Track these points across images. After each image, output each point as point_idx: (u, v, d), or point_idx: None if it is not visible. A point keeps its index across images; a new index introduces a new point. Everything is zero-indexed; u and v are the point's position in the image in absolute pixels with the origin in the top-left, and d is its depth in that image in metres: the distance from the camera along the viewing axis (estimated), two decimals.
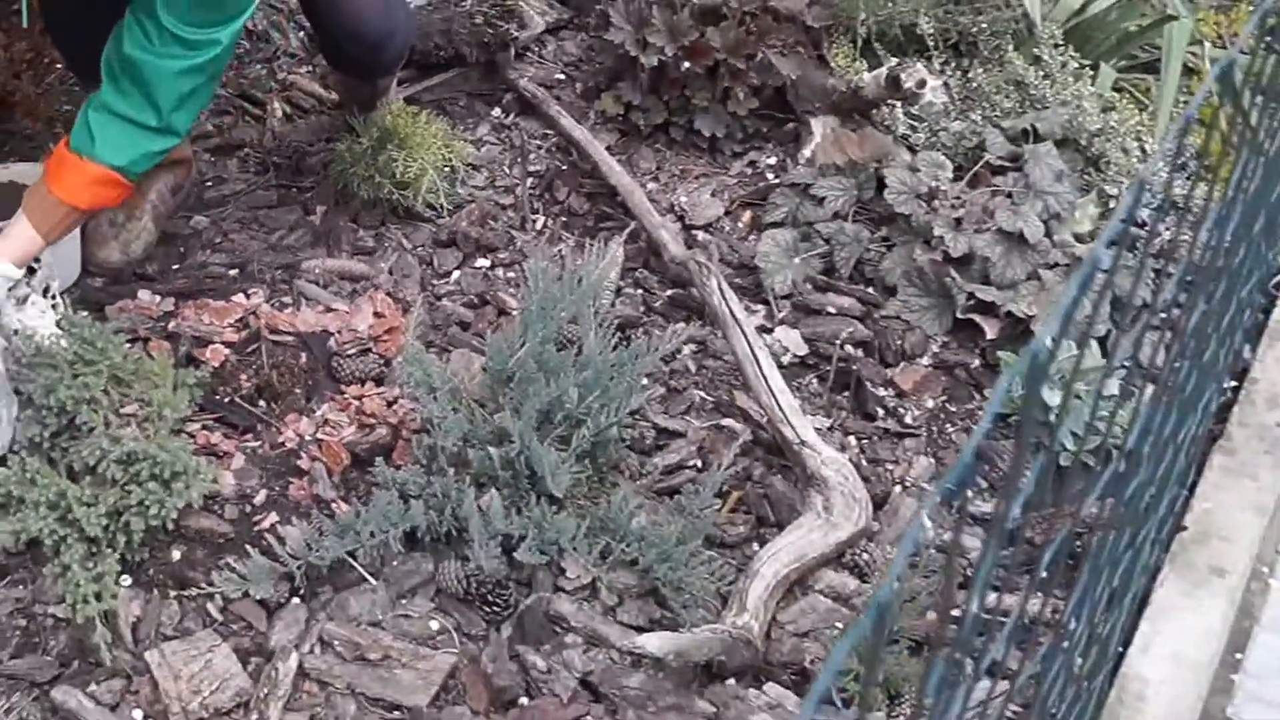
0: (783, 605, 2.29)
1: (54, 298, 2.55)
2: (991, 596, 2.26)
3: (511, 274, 2.98)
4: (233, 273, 2.92)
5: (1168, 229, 2.79)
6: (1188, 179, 2.60)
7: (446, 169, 3.14)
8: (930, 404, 2.73)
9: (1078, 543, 2.25)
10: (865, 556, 2.38)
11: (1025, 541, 2.41)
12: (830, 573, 2.36)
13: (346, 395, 2.59)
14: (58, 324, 2.44)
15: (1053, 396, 2.45)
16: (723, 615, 2.21)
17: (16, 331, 2.39)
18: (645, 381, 2.62)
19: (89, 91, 2.57)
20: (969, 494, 2.53)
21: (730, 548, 2.40)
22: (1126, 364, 2.51)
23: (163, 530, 2.25)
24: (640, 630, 2.21)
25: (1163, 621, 2.21)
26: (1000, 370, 2.77)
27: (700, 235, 3.13)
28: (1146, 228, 2.92)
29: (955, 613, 2.04)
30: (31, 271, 2.50)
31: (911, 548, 0.73)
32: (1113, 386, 2.46)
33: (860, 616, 0.73)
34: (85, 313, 2.63)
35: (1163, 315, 1.58)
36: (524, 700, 2.14)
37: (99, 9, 2.62)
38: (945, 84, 3.37)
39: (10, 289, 2.43)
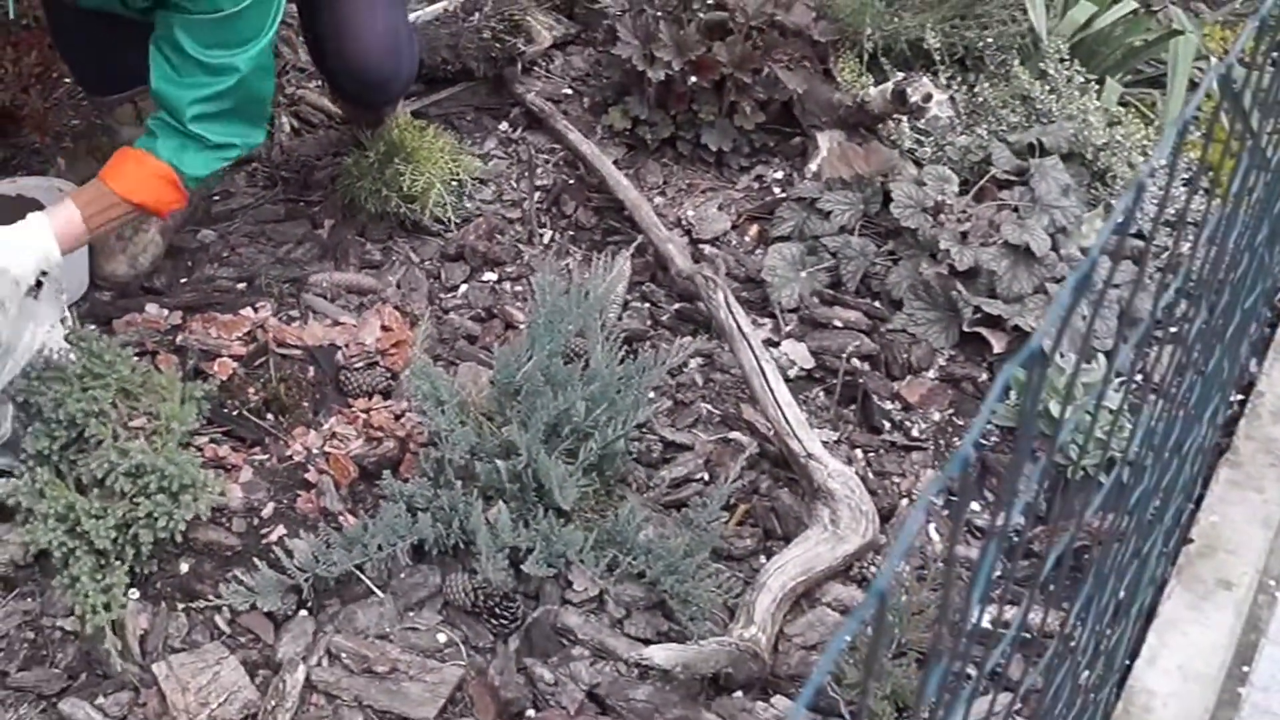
0: (790, 618, 2.29)
1: (62, 311, 2.56)
2: (1006, 612, 2.26)
3: (519, 288, 2.99)
4: (240, 286, 2.93)
5: (1170, 237, 2.80)
6: (1187, 186, 2.60)
7: (454, 183, 3.15)
8: (937, 417, 2.73)
9: (1086, 555, 2.25)
10: (872, 569, 2.38)
11: (1032, 554, 2.41)
12: (838, 586, 2.36)
13: (354, 408, 2.60)
14: (66, 338, 2.45)
15: (1056, 409, 2.45)
16: (730, 628, 2.21)
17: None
18: (652, 395, 2.63)
19: (96, 105, 2.59)
20: (974, 506, 2.53)
21: (737, 560, 2.40)
22: (1126, 374, 2.52)
23: (171, 543, 2.26)
24: (647, 643, 2.21)
25: (1169, 634, 2.21)
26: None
27: (707, 249, 3.13)
28: (1150, 239, 2.92)
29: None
30: (40, 285, 2.51)
31: (907, 541, 0.73)
32: (1115, 398, 2.46)
33: (858, 608, 0.73)
34: (93, 326, 2.64)
35: (1172, 329, 1.58)
36: (531, 712, 2.14)
37: (103, 26, 2.64)
38: (951, 98, 3.38)
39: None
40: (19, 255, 2.31)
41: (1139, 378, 2.59)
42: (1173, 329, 1.57)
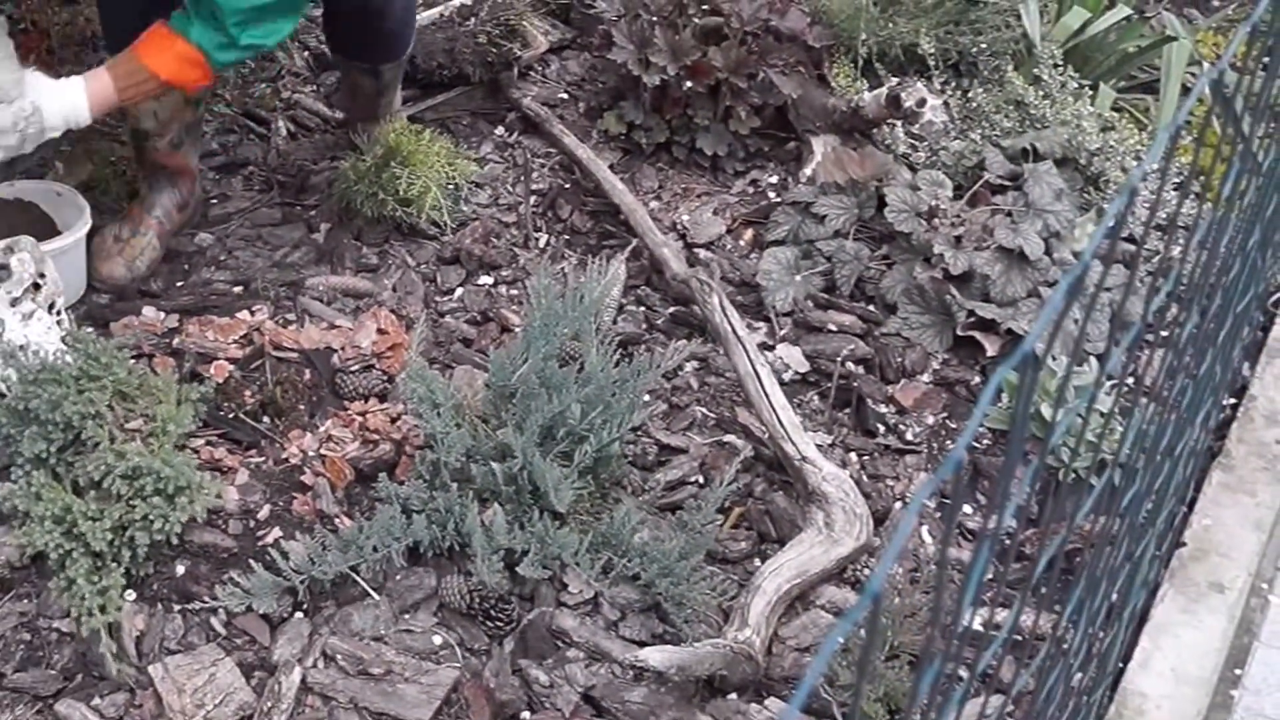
0: (784, 620, 2.30)
1: (59, 314, 2.57)
2: (999, 614, 2.27)
3: (514, 291, 3.00)
4: (237, 289, 2.94)
5: (1162, 242, 2.81)
6: (1179, 190, 2.61)
7: (450, 187, 3.16)
8: (931, 420, 2.74)
9: (1078, 558, 2.26)
10: (866, 572, 2.39)
11: (1024, 557, 2.42)
12: (832, 588, 2.37)
13: (350, 411, 2.60)
14: (63, 340, 2.46)
15: (1048, 411, 2.46)
16: (724, 630, 2.22)
17: (23, 346, 2.40)
18: (647, 398, 2.64)
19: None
20: (967, 509, 2.54)
21: (732, 563, 2.41)
22: (1117, 377, 2.52)
23: (167, 545, 2.27)
24: (642, 645, 2.22)
25: (1162, 637, 2.22)
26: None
27: (702, 253, 3.14)
28: (1142, 243, 2.93)
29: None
30: (38, 287, 2.52)
31: (900, 544, 0.74)
32: (1107, 401, 2.48)
33: (852, 610, 0.74)
34: (90, 329, 2.65)
35: (1163, 333, 1.59)
36: (526, 714, 2.15)
37: None
38: (945, 103, 3.39)
39: (14, 301, 2.46)
40: (53, 101, 2.56)
41: (1131, 381, 2.60)
42: (1164, 333, 1.58)
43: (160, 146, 2.98)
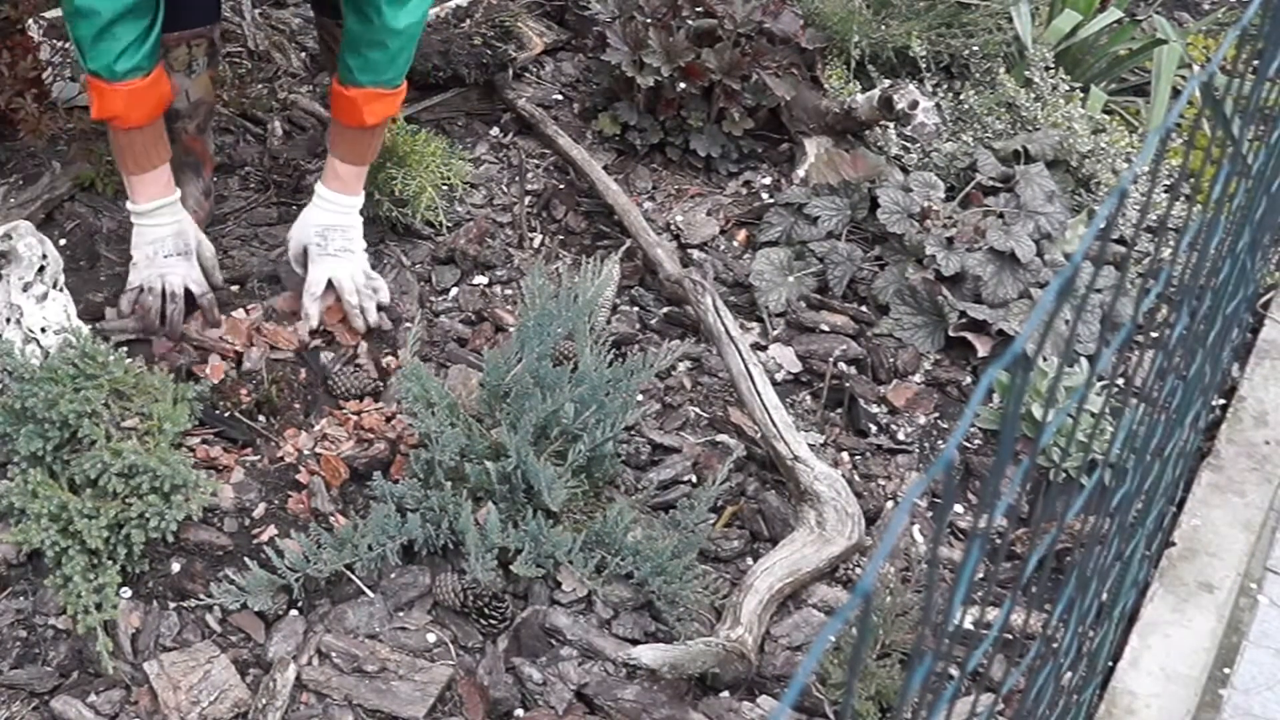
0: (776, 619, 2.31)
1: (61, 289, 2.58)
2: (989, 613, 2.28)
3: (509, 291, 3.01)
4: (233, 289, 2.94)
5: (1152, 243, 2.83)
6: (1169, 193, 2.64)
7: (445, 187, 3.17)
8: (922, 420, 2.76)
9: (1068, 558, 2.28)
10: (858, 571, 2.40)
11: (1015, 556, 2.43)
12: (823, 587, 2.38)
13: (345, 410, 2.61)
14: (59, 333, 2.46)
15: (1038, 411, 2.48)
16: (716, 629, 2.23)
17: (43, 329, 2.41)
18: (641, 397, 2.65)
19: None
20: (958, 509, 2.56)
21: (724, 562, 2.43)
22: (1108, 377, 2.54)
23: (162, 542, 2.28)
24: (635, 643, 2.23)
25: (1152, 636, 2.23)
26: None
27: (695, 254, 3.15)
28: (1132, 244, 2.95)
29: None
30: (42, 269, 2.53)
31: (891, 543, 0.75)
32: (1097, 401, 2.49)
33: (843, 608, 0.76)
34: (87, 327, 2.65)
35: (1153, 334, 1.61)
36: (519, 712, 2.16)
37: None
38: (937, 105, 3.40)
39: (27, 286, 2.48)
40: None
41: (1121, 381, 2.61)
42: (1154, 334, 1.60)
43: (189, 129, 3.04)
